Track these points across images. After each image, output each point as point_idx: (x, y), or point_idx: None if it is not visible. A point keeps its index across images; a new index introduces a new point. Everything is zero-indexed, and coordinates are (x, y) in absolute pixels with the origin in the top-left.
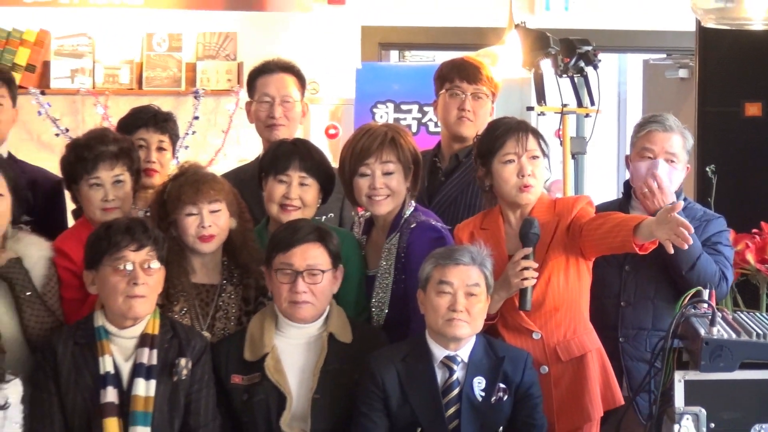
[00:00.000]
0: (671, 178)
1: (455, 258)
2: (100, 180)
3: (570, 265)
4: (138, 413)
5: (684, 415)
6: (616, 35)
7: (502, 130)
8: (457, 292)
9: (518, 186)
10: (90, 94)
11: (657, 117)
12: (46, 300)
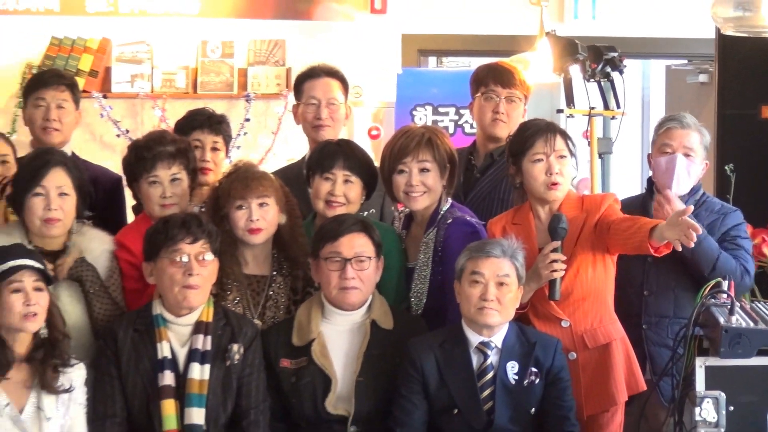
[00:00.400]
0: (689, 171)
1: (487, 251)
2: (158, 178)
3: (597, 259)
4: (193, 395)
5: (705, 398)
6: (640, 42)
7: (531, 131)
8: (489, 282)
9: (546, 183)
10: (148, 97)
11: (675, 115)
12: (110, 290)
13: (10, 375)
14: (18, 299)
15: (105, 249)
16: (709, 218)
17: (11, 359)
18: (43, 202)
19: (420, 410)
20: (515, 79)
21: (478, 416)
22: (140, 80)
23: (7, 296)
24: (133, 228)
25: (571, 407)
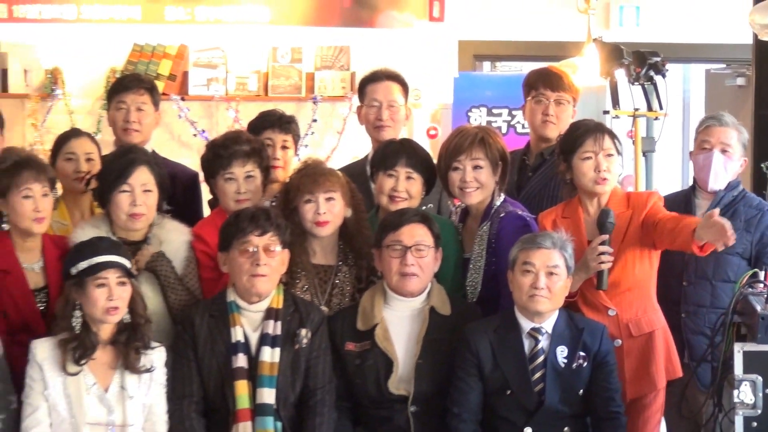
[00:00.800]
0: (726, 167)
1: (538, 242)
2: (234, 175)
3: (642, 253)
4: (264, 377)
5: (743, 381)
6: (681, 48)
7: (582, 131)
8: (539, 272)
9: (595, 179)
10: (223, 100)
11: (714, 114)
12: (187, 279)
13: (96, 356)
14: (102, 294)
15: (183, 240)
16: (748, 213)
17: (96, 342)
18: (129, 198)
19: (475, 391)
20: (564, 82)
21: (529, 397)
22: (215, 84)
23: (93, 290)
24: (209, 221)
25: (617, 389)
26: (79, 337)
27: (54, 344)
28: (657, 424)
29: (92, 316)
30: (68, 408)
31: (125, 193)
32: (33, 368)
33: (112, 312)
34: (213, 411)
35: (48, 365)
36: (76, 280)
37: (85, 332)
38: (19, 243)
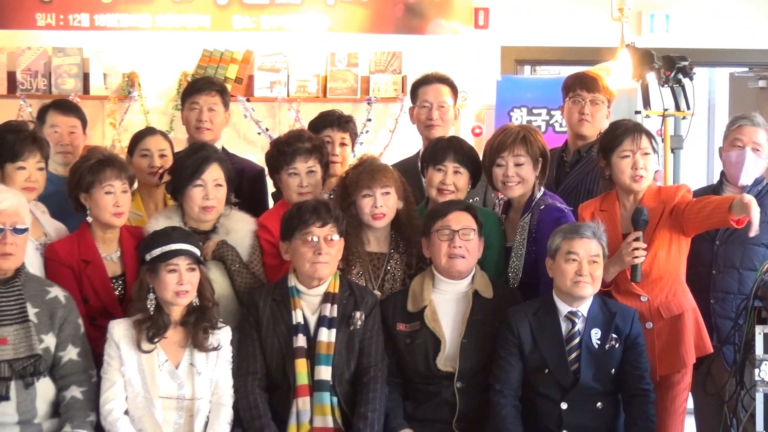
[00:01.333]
0: (756, 164)
1: (581, 233)
2: (296, 170)
3: (672, 242)
4: (322, 355)
5: (763, 361)
6: (707, 52)
7: (621, 131)
8: (583, 260)
9: (632, 177)
10: (285, 101)
11: (746, 114)
12: (252, 265)
13: (168, 336)
14: (173, 278)
15: (249, 230)
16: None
17: (168, 323)
18: (201, 193)
19: (516, 369)
20: (599, 85)
21: (566, 375)
22: (278, 86)
23: (165, 275)
24: (273, 212)
25: (647, 368)
26: (152, 318)
27: (130, 324)
28: (684, 401)
29: (164, 298)
30: (142, 383)
31: (198, 188)
32: (110, 346)
33: (182, 295)
34: (275, 387)
35: (124, 344)
36: (149, 266)
37: (158, 313)
38: (99, 235)
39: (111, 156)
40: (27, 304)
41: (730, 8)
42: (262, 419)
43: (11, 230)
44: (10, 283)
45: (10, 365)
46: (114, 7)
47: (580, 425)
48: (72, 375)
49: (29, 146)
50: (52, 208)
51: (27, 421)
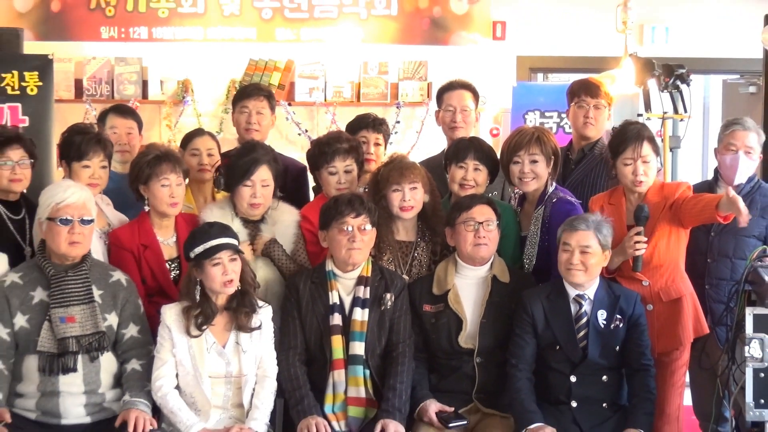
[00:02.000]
0: (748, 165)
1: (574, 225)
2: (335, 168)
3: (672, 233)
4: (356, 332)
5: (752, 339)
6: (703, 61)
7: (624, 138)
8: (574, 250)
9: (633, 181)
10: (322, 105)
11: (739, 119)
12: (297, 253)
13: (215, 321)
14: (218, 271)
15: (293, 220)
16: (763, 201)
17: (215, 310)
18: (250, 192)
19: (530, 346)
20: (601, 91)
21: (575, 351)
22: (316, 92)
23: (210, 269)
24: (314, 205)
25: (647, 346)
26: (200, 306)
27: (180, 311)
28: (683, 375)
29: (212, 289)
30: (192, 363)
31: (248, 187)
32: (163, 329)
33: (228, 284)
34: (313, 361)
35: (175, 328)
36: (195, 262)
37: (206, 302)
38: (156, 222)
39: (167, 151)
40: (93, 287)
41: (723, 21)
42: (302, 389)
43: (79, 221)
44: (77, 268)
45: (77, 341)
46: (169, 21)
47: (587, 396)
48: (132, 350)
49: (94, 147)
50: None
51: (92, 390)
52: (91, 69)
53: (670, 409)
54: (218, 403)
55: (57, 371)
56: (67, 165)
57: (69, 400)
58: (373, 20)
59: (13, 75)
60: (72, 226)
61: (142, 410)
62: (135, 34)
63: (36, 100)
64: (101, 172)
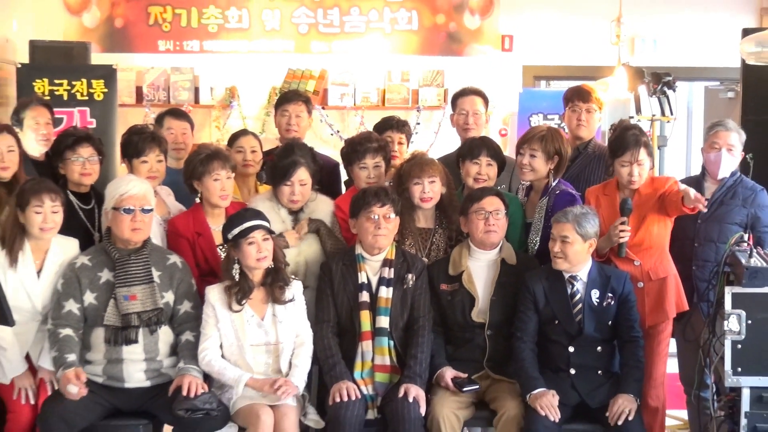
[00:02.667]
0: (730, 162)
1: (558, 218)
2: (366, 165)
3: (660, 220)
4: (381, 308)
5: (731, 315)
6: (687, 70)
7: (624, 142)
8: (556, 240)
9: (628, 181)
10: (352, 109)
11: (722, 121)
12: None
13: (252, 296)
14: (253, 249)
15: (329, 210)
16: (744, 193)
17: (252, 287)
18: (290, 190)
19: (532, 321)
20: (592, 97)
21: (572, 326)
22: (347, 97)
23: (246, 247)
24: (346, 196)
25: (636, 319)
26: (239, 284)
27: (222, 289)
28: (667, 345)
29: (248, 266)
30: (235, 335)
31: (288, 186)
32: (208, 307)
33: (262, 260)
34: (344, 332)
35: (218, 305)
36: (233, 243)
37: (243, 279)
38: (209, 211)
39: (217, 150)
40: (152, 269)
41: (705, 34)
42: (334, 358)
43: (140, 210)
44: (139, 252)
45: (138, 316)
46: (218, 35)
47: (584, 364)
48: (186, 323)
49: (149, 144)
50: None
51: (151, 358)
52: (150, 77)
53: (656, 374)
54: (260, 370)
55: (121, 342)
56: (128, 161)
57: (131, 367)
58: (396, 34)
59: (82, 83)
60: (134, 214)
61: (195, 376)
62: (188, 46)
63: (102, 104)
64: (158, 166)
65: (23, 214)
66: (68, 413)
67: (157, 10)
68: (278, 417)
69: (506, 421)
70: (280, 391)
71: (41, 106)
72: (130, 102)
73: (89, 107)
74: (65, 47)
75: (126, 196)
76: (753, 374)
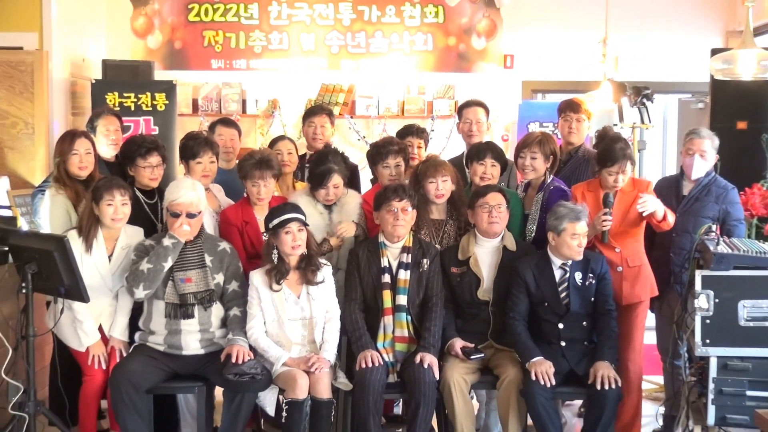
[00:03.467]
0: (702, 165)
1: (579, 217)
2: (388, 165)
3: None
4: (400, 288)
5: (701, 294)
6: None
7: (613, 156)
8: (579, 235)
9: (612, 186)
10: (376, 118)
11: (696, 129)
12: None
13: (289, 278)
14: (289, 238)
15: (357, 202)
16: (717, 191)
17: (288, 269)
18: (325, 192)
19: (523, 303)
20: (582, 108)
21: (559, 306)
22: (371, 108)
23: (283, 236)
24: (371, 192)
25: (610, 294)
26: (277, 267)
27: (263, 273)
28: (644, 318)
29: (284, 252)
30: (275, 311)
31: (323, 190)
32: (252, 289)
33: (296, 248)
34: (368, 309)
35: (261, 287)
36: (272, 231)
37: (281, 263)
38: (255, 203)
39: (262, 159)
40: (205, 255)
41: (678, 54)
42: (360, 330)
43: (185, 215)
44: (194, 242)
45: (194, 295)
46: (262, 55)
47: (572, 337)
48: (234, 300)
49: (203, 147)
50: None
51: (205, 330)
52: (204, 91)
53: (635, 344)
54: (297, 341)
55: (179, 317)
56: (185, 162)
57: (188, 337)
58: (414, 54)
59: (146, 96)
60: (180, 219)
61: (242, 345)
62: (236, 65)
63: (163, 114)
64: (211, 167)
65: (97, 207)
66: (134, 376)
67: (211, 34)
68: (313, 381)
69: (507, 385)
70: (314, 368)
71: (111, 115)
72: (187, 112)
73: (153, 116)
74: (132, 65)
75: (175, 203)
76: (719, 345)
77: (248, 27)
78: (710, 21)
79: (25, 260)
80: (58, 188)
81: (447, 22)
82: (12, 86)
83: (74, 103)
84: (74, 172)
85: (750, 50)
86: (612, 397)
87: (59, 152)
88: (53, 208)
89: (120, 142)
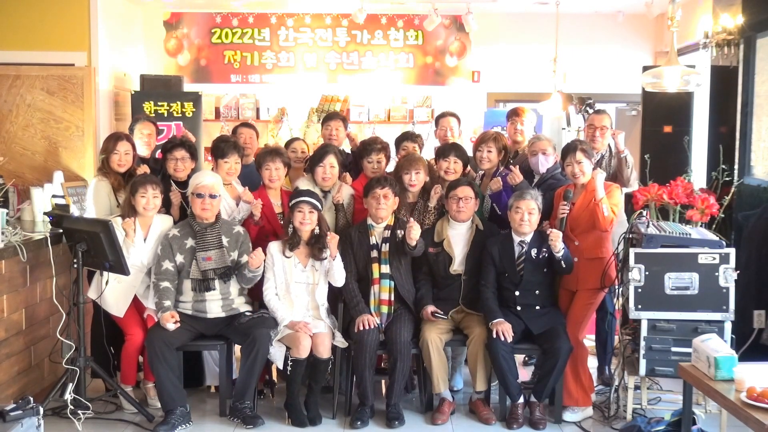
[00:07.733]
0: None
1: (523, 195)
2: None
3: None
4: (383, 259)
5: (634, 267)
6: (603, 95)
7: (566, 149)
8: (524, 212)
9: (573, 176)
10: (366, 123)
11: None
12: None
13: (299, 249)
14: (299, 215)
15: (349, 192)
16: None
17: (299, 241)
18: (322, 170)
19: (491, 273)
20: (525, 113)
21: (515, 276)
22: (363, 114)
23: (297, 214)
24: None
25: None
26: (291, 238)
27: (279, 243)
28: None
29: (296, 226)
30: (284, 275)
31: (321, 168)
32: (269, 257)
33: (305, 224)
34: (361, 279)
35: (276, 253)
36: (291, 208)
37: (294, 235)
38: (268, 189)
39: (272, 149)
40: (222, 237)
41: (615, 69)
42: (357, 297)
43: (209, 196)
44: (213, 226)
45: (214, 271)
46: (273, 71)
47: (526, 303)
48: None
49: (231, 150)
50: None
51: (225, 297)
52: (225, 101)
53: (584, 324)
54: (302, 303)
55: (203, 290)
56: (215, 161)
57: (212, 303)
58: (398, 70)
59: (177, 104)
60: (204, 199)
61: None
62: (252, 79)
63: (191, 120)
64: (236, 166)
65: (134, 199)
66: (167, 337)
67: (230, 54)
68: (316, 342)
69: (475, 341)
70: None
71: (147, 121)
72: (211, 118)
73: (182, 122)
74: (165, 79)
75: (200, 186)
76: (649, 310)
77: (261, 48)
78: (642, 43)
79: (76, 240)
80: (101, 177)
81: (425, 44)
82: (65, 96)
83: (117, 110)
84: (114, 168)
85: (674, 67)
86: (564, 350)
87: (104, 149)
88: (97, 193)
89: (153, 143)
